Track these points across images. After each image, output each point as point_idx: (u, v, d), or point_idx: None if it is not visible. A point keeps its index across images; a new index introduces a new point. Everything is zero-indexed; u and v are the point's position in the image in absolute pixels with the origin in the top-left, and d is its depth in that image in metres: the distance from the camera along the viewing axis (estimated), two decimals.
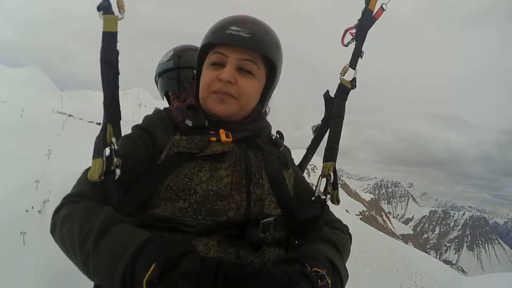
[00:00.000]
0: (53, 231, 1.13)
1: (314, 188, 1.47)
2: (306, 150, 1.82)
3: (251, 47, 1.32)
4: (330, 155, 1.48)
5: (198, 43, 1.49)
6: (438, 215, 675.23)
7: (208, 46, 1.37)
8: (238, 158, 1.26)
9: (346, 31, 1.63)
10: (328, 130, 1.57)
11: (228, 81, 1.30)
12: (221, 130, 1.30)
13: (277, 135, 1.58)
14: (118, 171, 1.13)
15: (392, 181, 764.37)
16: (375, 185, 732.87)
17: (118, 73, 1.31)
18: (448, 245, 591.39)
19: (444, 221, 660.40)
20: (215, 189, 1.16)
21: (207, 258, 0.92)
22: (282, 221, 1.27)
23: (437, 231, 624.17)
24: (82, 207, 1.08)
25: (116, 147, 1.16)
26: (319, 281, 1.01)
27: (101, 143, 1.14)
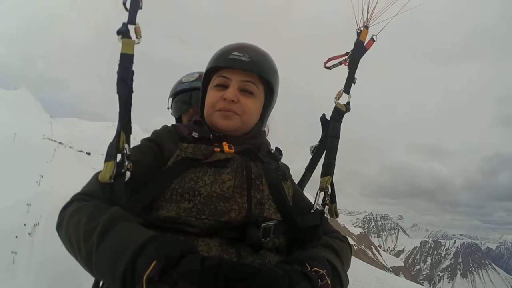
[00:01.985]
0: (59, 227, 1.17)
1: (312, 202, 1.52)
2: (305, 170, 1.89)
3: (250, 69, 1.47)
4: (327, 170, 1.54)
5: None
6: (429, 245, 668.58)
7: (212, 70, 1.51)
8: (240, 165, 1.34)
9: (329, 59, 1.75)
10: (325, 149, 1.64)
11: (231, 100, 1.44)
12: (224, 143, 1.41)
13: (276, 151, 1.67)
14: (128, 174, 1.20)
15: (381, 214, 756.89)
16: (364, 219, 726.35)
17: (132, 91, 1.36)
18: (441, 274, 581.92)
19: (436, 251, 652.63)
20: (218, 191, 1.23)
21: (208, 258, 0.95)
22: (282, 228, 1.32)
23: (429, 261, 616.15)
24: (90, 204, 1.13)
25: (128, 152, 1.23)
26: (319, 280, 1.03)
27: (114, 148, 1.21)
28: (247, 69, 1.47)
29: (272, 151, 1.63)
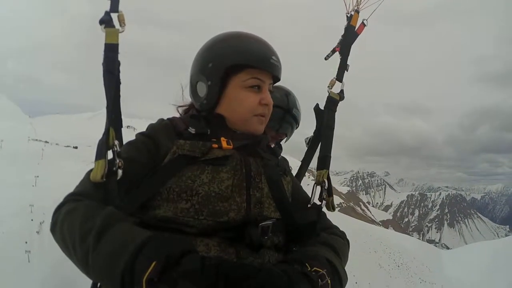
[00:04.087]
0: (53, 228, 1.14)
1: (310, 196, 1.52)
2: (301, 162, 1.89)
3: (279, 75, 1.47)
4: (323, 163, 1.55)
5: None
6: (415, 198, 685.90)
7: (241, 66, 1.38)
8: (239, 162, 1.28)
9: (334, 51, 1.74)
10: (320, 141, 1.65)
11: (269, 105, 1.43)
12: (222, 138, 1.34)
13: (276, 145, 1.64)
14: (120, 172, 1.16)
15: (368, 172, 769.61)
16: (352, 178, 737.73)
17: (120, 82, 1.34)
18: (429, 225, 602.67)
19: (422, 203, 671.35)
20: (217, 191, 1.18)
21: (207, 257, 0.95)
22: (280, 226, 1.29)
23: (416, 213, 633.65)
24: (83, 205, 1.10)
25: (118, 149, 1.19)
26: (319, 280, 1.03)
27: (104, 145, 1.16)
28: (280, 77, 1.48)
29: (272, 146, 1.60)
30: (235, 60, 1.37)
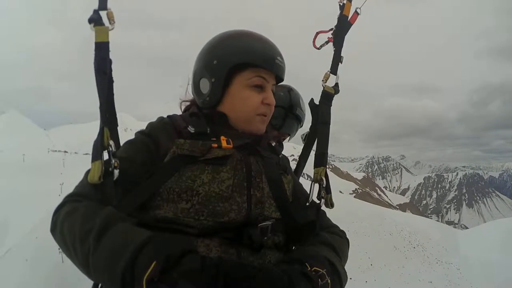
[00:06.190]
0: (53, 229, 1.13)
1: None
2: (298, 159, 1.88)
3: (283, 77, 1.47)
4: (320, 160, 1.53)
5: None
6: (432, 180, 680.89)
7: (246, 65, 1.36)
8: (239, 162, 1.27)
9: (317, 34, 1.68)
10: (317, 137, 1.63)
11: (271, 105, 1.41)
12: (222, 137, 1.31)
13: (277, 143, 1.60)
14: (116, 172, 1.16)
15: (383, 156, 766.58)
16: (367, 164, 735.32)
17: (113, 81, 1.34)
18: (447, 206, 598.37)
19: (440, 185, 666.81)
20: (217, 191, 1.17)
21: (208, 257, 0.94)
22: (280, 226, 1.28)
23: (434, 195, 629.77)
24: (83, 206, 1.09)
25: (113, 149, 1.19)
26: (319, 280, 1.03)
27: (99, 146, 1.17)
28: (282, 76, 1.46)
29: (273, 144, 1.56)
30: (240, 59, 1.35)
